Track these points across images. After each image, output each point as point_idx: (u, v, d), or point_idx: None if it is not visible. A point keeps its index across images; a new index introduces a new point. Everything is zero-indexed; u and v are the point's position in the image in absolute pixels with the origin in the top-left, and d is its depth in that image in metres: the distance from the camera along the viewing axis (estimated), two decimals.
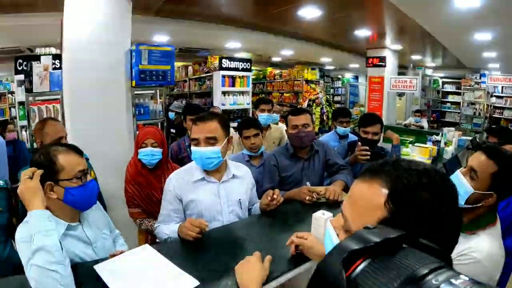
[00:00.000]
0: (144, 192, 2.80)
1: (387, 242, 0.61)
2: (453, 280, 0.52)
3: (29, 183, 1.59)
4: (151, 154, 2.73)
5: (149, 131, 2.85)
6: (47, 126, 2.81)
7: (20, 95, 6.43)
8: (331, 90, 17.88)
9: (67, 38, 3.87)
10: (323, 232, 1.81)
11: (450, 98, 15.24)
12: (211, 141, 2.14)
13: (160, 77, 4.16)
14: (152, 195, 2.78)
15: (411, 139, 6.23)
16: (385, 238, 0.61)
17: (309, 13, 6.82)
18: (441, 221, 0.80)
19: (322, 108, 8.94)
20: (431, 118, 14.24)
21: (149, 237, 2.82)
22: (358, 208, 0.87)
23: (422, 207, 0.79)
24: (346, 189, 2.73)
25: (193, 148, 2.19)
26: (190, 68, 9.66)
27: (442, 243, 0.71)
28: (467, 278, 0.52)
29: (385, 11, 6.66)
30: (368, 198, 0.85)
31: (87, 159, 3.10)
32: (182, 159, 3.64)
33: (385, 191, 0.82)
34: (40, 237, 1.45)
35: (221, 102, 7.62)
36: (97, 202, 2.00)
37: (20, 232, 1.55)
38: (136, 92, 4.36)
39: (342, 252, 0.59)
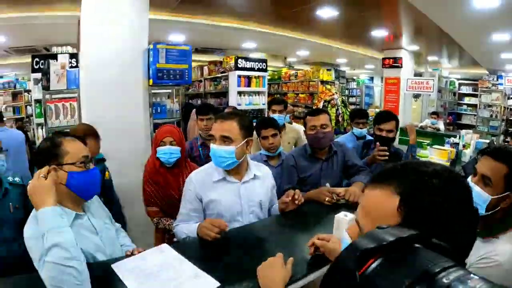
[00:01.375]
0: (162, 191, 2.80)
1: (399, 242, 0.62)
2: (464, 279, 0.52)
3: (43, 181, 1.59)
4: (169, 152, 2.74)
5: (167, 129, 2.85)
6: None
7: (36, 93, 6.49)
8: (346, 91, 17.74)
9: (85, 36, 3.89)
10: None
11: (467, 100, 15.04)
12: (225, 140, 2.13)
13: (178, 76, 4.16)
14: (170, 194, 2.78)
15: (427, 141, 6.15)
16: (397, 237, 0.62)
17: (326, 13, 6.81)
18: (454, 222, 0.79)
19: (337, 109, 8.87)
20: (447, 120, 14.03)
21: (166, 236, 2.80)
22: (372, 217, 0.87)
23: (433, 209, 0.78)
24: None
25: (211, 144, 2.20)
26: (205, 68, 9.68)
27: (456, 244, 0.71)
28: (478, 277, 0.53)
29: (402, 11, 6.62)
30: (381, 206, 0.84)
31: (103, 160, 3.13)
32: (194, 158, 3.64)
33: (396, 196, 0.82)
34: (54, 234, 1.44)
35: (236, 102, 7.60)
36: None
37: (30, 229, 1.56)
38: (153, 91, 4.37)
39: (356, 251, 0.60)
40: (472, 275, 0.54)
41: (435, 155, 4.66)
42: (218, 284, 1.54)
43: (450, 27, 6.85)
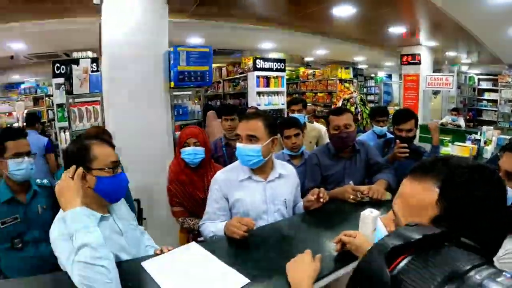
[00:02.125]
0: (187, 191, 2.83)
1: (427, 239, 0.62)
2: (495, 276, 0.53)
3: (70, 182, 1.62)
4: (194, 153, 2.77)
5: (191, 131, 2.89)
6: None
7: (58, 97, 6.58)
8: (364, 89, 17.58)
9: (106, 41, 3.96)
10: (371, 230, 1.81)
11: (487, 95, 14.73)
12: (251, 138, 2.17)
13: (198, 78, 4.20)
14: (195, 194, 2.82)
15: (448, 138, 6.09)
16: (424, 235, 0.63)
17: (343, 11, 6.77)
18: (489, 218, 0.80)
19: (356, 108, 8.84)
20: (467, 117, 13.78)
21: (190, 236, 2.83)
22: (410, 206, 0.89)
23: (474, 203, 0.79)
24: (388, 188, 2.70)
25: (237, 144, 2.24)
26: (224, 70, 9.75)
27: (488, 241, 0.74)
28: (509, 275, 0.53)
29: (420, 7, 6.54)
30: (420, 197, 0.86)
31: None
32: (218, 158, 3.67)
33: (437, 189, 0.83)
34: (83, 234, 1.46)
35: (256, 102, 7.61)
36: None
37: (57, 230, 1.60)
38: (174, 93, 4.41)
39: (384, 249, 0.61)
40: (504, 272, 0.54)
41: (457, 152, 4.61)
42: (248, 280, 1.56)
43: (469, 22, 6.76)
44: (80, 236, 1.46)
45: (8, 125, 9.22)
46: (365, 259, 0.64)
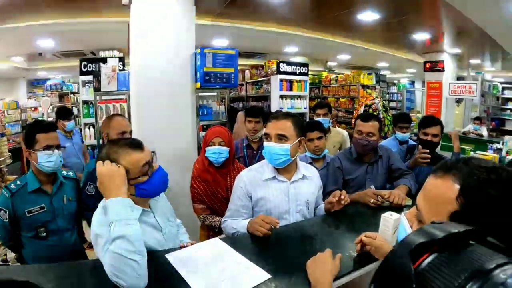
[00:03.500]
0: (210, 189, 2.87)
1: (452, 237, 0.64)
2: None
3: (115, 168, 1.63)
4: (218, 152, 2.79)
5: (217, 130, 2.93)
6: (113, 120, 2.99)
7: (84, 94, 6.72)
8: (387, 95, 17.43)
9: (134, 41, 4.03)
10: (391, 233, 1.84)
11: (510, 105, 14.54)
12: (281, 138, 2.22)
13: (224, 80, 4.25)
14: (218, 192, 2.85)
15: (470, 148, 6.05)
16: (449, 232, 0.64)
17: (367, 17, 6.79)
18: (508, 216, 0.84)
19: (378, 114, 8.78)
20: (490, 126, 13.60)
21: (211, 233, 2.87)
22: (431, 201, 0.96)
23: (490, 202, 0.85)
24: (409, 193, 2.73)
25: (264, 143, 2.28)
26: (247, 72, 9.79)
27: (508, 239, 0.73)
28: None
29: (443, 13, 6.53)
30: (441, 193, 0.93)
31: None
32: (238, 159, 3.72)
33: (457, 186, 0.90)
34: (122, 225, 1.47)
35: (278, 106, 7.64)
36: None
37: (97, 218, 1.61)
38: (200, 94, 4.49)
39: (409, 245, 0.63)
40: None
41: None
42: (269, 276, 1.60)
43: (493, 29, 6.71)
44: (118, 226, 1.47)
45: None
46: (391, 254, 0.66)
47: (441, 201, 0.92)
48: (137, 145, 1.80)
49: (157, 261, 1.72)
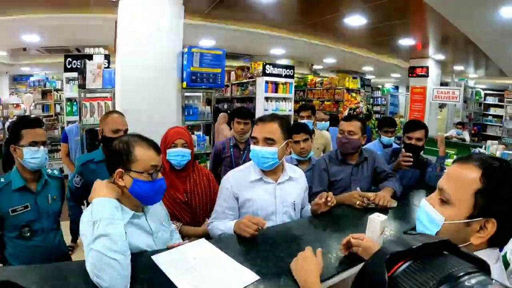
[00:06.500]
0: (168, 194, 2.60)
1: (427, 247, 0.69)
2: (485, 283, 0.59)
3: (105, 183, 1.69)
4: (181, 154, 2.61)
5: (179, 131, 2.73)
6: (109, 117, 2.97)
7: (68, 91, 6.64)
8: (371, 99, 17.60)
9: (122, 38, 4.00)
10: (378, 234, 1.85)
11: (492, 110, 14.86)
12: (268, 141, 2.20)
13: (211, 80, 4.24)
14: (176, 197, 2.64)
15: (453, 152, 6.12)
16: (424, 243, 0.69)
17: (354, 21, 6.87)
18: None
19: (362, 118, 8.90)
20: (472, 131, 13.80)
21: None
22: (457, 182, 1.13)
23: (507, 180, 1.05)
24: (394, 195, 2.76)
25: (251, 146, 2.26)
26: (232, 73, 9.78)
27: None
28: (499, 283, 0.60)
29: (429, 20, 6.65)
30: (465, 174, 1.11)
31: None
32: (224, 158, 3.73)
33: (478, 169, 1.08)
34: (105, 224, 1.47)
35: (263, 107, 7.68)
36: None
37: (86, 215, 1.60)
38: (185, 94, 4.47)
39: (385, 254, 0.67)
40: (494, 281, 0.61)
41: None
42: (257, 277, 1.58)
43: (477, 37, 6.86)
44: (102, 225, 1.47)
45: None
46: (368, 262, 0.71)
47: (466, 182, 1.09)
48: (156, 148, 1.84)
49: (142, 263, 1.68)
